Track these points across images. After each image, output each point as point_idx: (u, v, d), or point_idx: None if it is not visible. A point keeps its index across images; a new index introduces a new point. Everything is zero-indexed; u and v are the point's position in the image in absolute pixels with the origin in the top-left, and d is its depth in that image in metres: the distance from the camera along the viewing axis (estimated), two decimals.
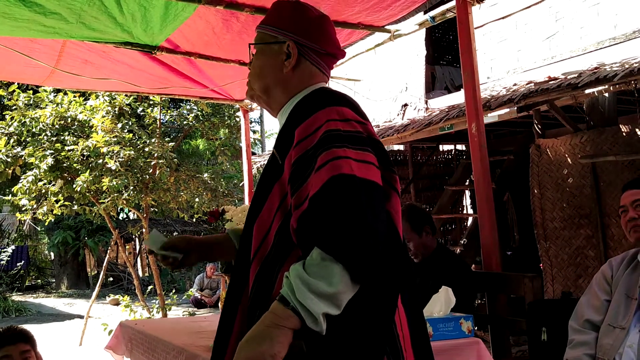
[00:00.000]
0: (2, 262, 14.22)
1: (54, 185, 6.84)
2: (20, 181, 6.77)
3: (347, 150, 1.23)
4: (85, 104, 7.14)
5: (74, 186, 6.62)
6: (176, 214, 8.69)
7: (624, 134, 4.77)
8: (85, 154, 6.73)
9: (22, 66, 3.87)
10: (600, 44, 5.38)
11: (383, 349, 1.24)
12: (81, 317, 9.52)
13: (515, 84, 5.45)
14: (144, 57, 3.82)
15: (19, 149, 6.73)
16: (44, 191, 6.85)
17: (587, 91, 4.27)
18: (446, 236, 8.37)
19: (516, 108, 4.79)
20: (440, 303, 2.34)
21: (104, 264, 8.69)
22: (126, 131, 7.21)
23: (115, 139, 6.83)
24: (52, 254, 16.88)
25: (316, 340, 1.17)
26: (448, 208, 7.47)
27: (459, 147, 8.45)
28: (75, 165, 6.70)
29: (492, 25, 6.67)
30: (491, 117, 5.08)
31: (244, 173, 5.49)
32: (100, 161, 6.63)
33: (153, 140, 7.33)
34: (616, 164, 4.73)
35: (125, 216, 15.98)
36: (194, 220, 15.62)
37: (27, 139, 6.84)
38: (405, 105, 7.52)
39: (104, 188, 6.63)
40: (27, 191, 6.72)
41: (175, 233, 17.99)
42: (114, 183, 6.49)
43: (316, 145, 1.24)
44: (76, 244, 15.08)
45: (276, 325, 1.15)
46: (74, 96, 7.18)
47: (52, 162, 6.61)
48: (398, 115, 7.58)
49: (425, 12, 3.57)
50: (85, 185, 6.53)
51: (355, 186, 1.18)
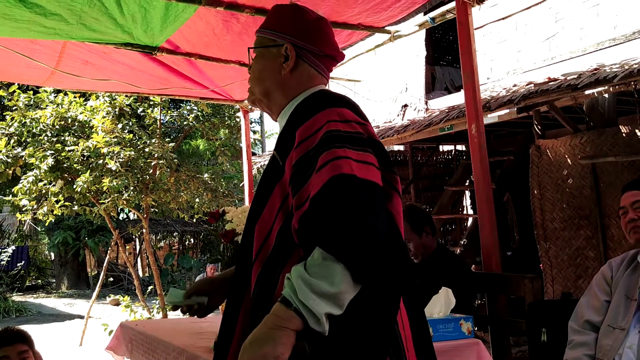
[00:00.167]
0: (2, 262, 14.22)
1: (54, 185, 6.84)
2: (20, 182, 6.77)
3: (347, 150, 1.23)
4: (85, 105, 7.15)
5: (74, 186, 6.62)
6: (176, 214, 8.69)
7: (623, 134, 4.78)
8: (85, 154, 6.74)
9: (23, 67, 3.87)
10: (600, 45, 5.38)
11: (386, 349, 1.24)
12: (81, 317, 9.52)
13: (515, 85, 5.45)
14: (144, 58, 3.82)
15: (19, 149, 6.73)
16: (44, 191, 6.85)
17: (587, 92, 4.27)
18: (446, 236, 8.37)
19: (516, 109, 4.79)
20: (440, 304, 2.34)
21: (104, 264, 8.69)
22: (126, 132, 7.21)
23: (116, 140, 6.83)
24: (52, 254, 16.88)
25: (319, 341, 1.17)
26: (448, 208, 7.47)
27: (459, 147, 8.45)
28: (75, 165, 6.71)
29: (492, 26, 6.67)
30: (491, 117, 5.08)
31: (244, 173, 5.49)
32: (101, 162, 6.63)
33: (153, 140, 7.34)
34: (616, 164, 4.74)
35: (125, 216, 15.98)
36: (194, 220, 15.62)
37: (28, 140, 6.84)
38: (405, 105, 7.53)
39: (104, 188, 6.63)
40: (28, 191, 6.72)
41: (175, 233, 18.00)
42: (114, 183, 6.49)
43: (317, 146, 1.25)
44: (76, 244, 15.08)
45: (279, 326, 1.15)
46: (74, 97, 7.18)
47: (53, 163, 6.61)
48: (398, 115, 7.58)
49: (425, 13, 3.58)
50: (85, 186, 6.53)
51: (356, 186, 1.19)
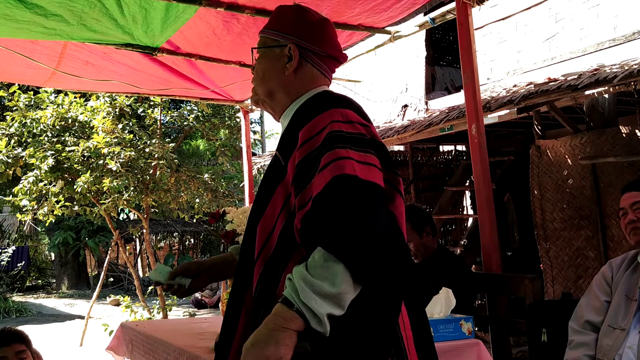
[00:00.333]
0: (2, 262, 14.21)
1: (54, 186, 6.85)
2: (21, 182, 6.77)
3: (350, 151, 1.24)
4: (85, 105, 7.15)
5: (75, 187, 6.62)
6: (176, 214, 8.70)
7: (623, 135, 4.78)
8: (85, 154, 6.74)
9: (23, 67, 3.87)
10: (600, 46, 5.38)
11: (387, 350, 1.24)
12: (82, 317, 9.52)
13: (515, 85, 5.45)
14: (144, 58, 3.83)
15: (19, 149, 6.73)
16: (44, 192, 6.86)
17: (587, 92, 4.28)
18: (446, 237, 8.37)
19: (516, 109, 4.80)
20: (441, 304, 2.34)
21: (105, 264, 8.69)
22: (127, 132, 7.22)
23: (116, 140, 6.84)
24: (52, 254, 16.86)
25: (320, 342, 1.17)
26: (448, 209, 7.47)
27: (459, 147, 8.45)
28: (75, 166, 6.71)
29: (492, 26, 6.67)
30: (491, 118, 5.08)
31: (245, 173, 5.49)
32: (101, 162, 6.63)
33: (153, 141, 7.34)
34: (616, 165, 4.74)
35: (125, 217, 15.97)
36: (194, 220, 15.64)
37: (28, 140, 6.85)
38: (406, 106, 7.53)
39: (105, 189, 6.64)
40: (28, 192, 6.72)
41: (175, 233, 18.00)
42: (115, 184, 6.49)
43: (320, 146, 1.25)
44: (77, 244, 15.08)
45: (281, 327, 1.15)
46: (75, 97, 7.19)
47: (53, 163, 6.61)
48: (398, 116, 7.59)
49: (425, 14, 3.57)
50: (85, 186, 6.53)
51: (358, 187, 1.19)
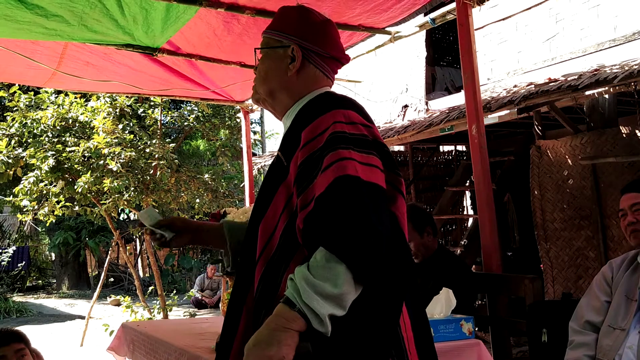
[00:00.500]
0: (3, 262, 14.20)
1: (55, 186, 6.85)
2: (21, 182, 6.77)
3: (352, 152, 1.25)
4: (86, 106, 7.15)
5: (75, 187, 6.63)
6: (177, 214, 8.69)
7: (624, 135, 4.78)
8: (86, 155, 6.74)
9: (24, 68, 3.88)
10: (600, 46, 5.38)
11: (388, 350, 1.25)
12: (82, 317, 9.52)
13: (515, 86, 5.46)
14: (145, 59, 3.83)
15: (20, 150, 6.73)
16: (45, 192, 6.85)
17: (587, 93, 4.28)
18: (447, 237, 8.37)
19: (516, 109, 4.80)
20: (441, 304, 2.34)
21: (105, 264, 8.70)
22: (127, 132, 7.22)
23: (116, 140, 6.84)
24: (53, 254, 16.86)
25: (322, 342, 1.18)
26: (448, 209, 7.47)
27: (460, 147, 8.45)
28: (76, 166, 6.71)
29: (493, 26, 6.67)
30: (491, 118, 5.08)
31: (245, 174, 5.50)
32: (102, 162, 6.64)
33: (154, 141, 7.34)
34: (616, 165, 4.74)
35: (126, 217, 15.96)
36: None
37: (29, 140, 6.85)
38: (406, 106, 7.54)
39: (105, 189, 6.64)
40: (29, 192, 6.72)
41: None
42: (115, 184, 6.50)
43: (323, 146, 1.26)
44: (77, 244, 15.08)
45: (283, 327, 1.16)
46: (75, 97, 7.19)
47: (54, 163, 6.61)
48: (398, 116, 7.59)
49: (426, 14, 3.58)
50: (86, 186, 6.54)
51: (360, 188, 1.20)
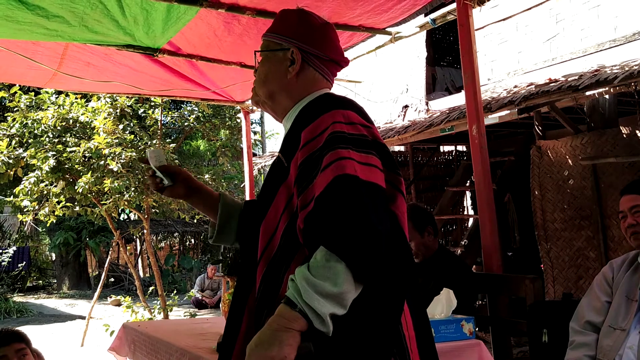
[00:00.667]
0: (3, 263, 14.21)
1: (55, 186, 6.85)
2: (22, 182, 6.78)
3: (351, 152, 1.25)
4: (86, 106, 7.15)
5: (76, 187, 6.63)
6: (177, 214, 8.70)
7: (624, 135, 4.79)
8: (86, 155, 6.75)
9: (25, 68, 3.88)
10: (600, 46, 5.39)
11: (390, 349, 1.25)
12: (83, 317, 9.52)
13: (515, 86, 5.46)
14: (145, 59, 3.83)
15: (20, 150, 6.73)
16: (45, 192, 6.86)
17: (588, 93, 4.28)
18: (447, 237, 8.37)
19: (517, 110, 4.80)
20: (442, 305, 2.35)
21: (106, 264, 8.69)
22: (127, 132, 7.22)
23: (117, 141, 6.84)
24: (53, 254, 16.88)
25: (323, 342, 1.18)
26: (449, 209, 7.48)
27: (460, 148, 8.45)
28: (77, 166, 6.72)
29: (493, 26, 6.68)
30: (492, 118, 5.08)
31: (245, 174, 5.50)
32: (102, 162, 6.64)
33: (154, 141, 7.35)
34: (617, 165, 4.75)
35: (126, 217, 15.98)
36: (195, 221, 15.61)
37: (29, 141, 6.85)
38: (406, 106, 7.54)
39: (106, 189, 6.64)
40: (29, 192, 6.73)
41: (176, 234, 18.01)
42: (116, 184, 6.50)
43: (322, 147, 1.27)
44: (77, 244, 15.09)
45: (284, 328, 1.16)
46: (76, 98, 7.19)
47: (54, 164, 6.62)
48: (399, 116, 7.60)
49: (426, 15, 3.58)
50: (86, 187, 6.54)
51: (359, 187, 1.20)
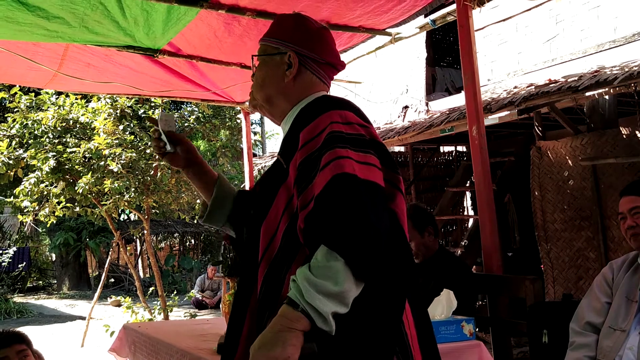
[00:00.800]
0: (3, 263, 14.21)
1: (55, 187, 6.85)
2: (22, 183, 6.78)
3: (349, 151, 1.26)
4: (87, 107, 7.15)
5: (76, 188, 6.63)
6: (177, 215, 8.70)
7: (624, 136, 4.79)
8: (87, 156, 6.75)
9: (25, 69, 3.88)
10: (600, 47, 5.39)
11: (393, 348, 1.26)
12: (83, 318, 9.52)
13: (515, 87, 5.46)
14: (146, 60, 3.83)
15: (21, 151, 6.73)
16: (45, 193, 6.86)
17: (588, 94, 4.28)
18: (447, 237, 8.38)
19: (517, 110, 4.80)
20: (442, 306, 2.35)
21: (106, 265, 8.69)
22: (128, 133, 7.22)
23: (117, 141, 6.84)
24: (53, 255, 16.88)
25: (326, 342, 1.19)
26: (449, 209, 7.48)
27: (460, 148, 8.46)
28: (77, 167, 6.72)
29: (493, 27, 6.68)
30: (492, 119, 5.08)
31: (245, 174, 5.50)
32: (102, 163, 6.64)
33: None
34: (617, 166, 4.75)
35: (126, 217, 15.98)
36: (195, 221, 15.61)
37: (29, 141, 6.85)
38: (406, 107, 7.54)
39: (106, 190, 6.64)
40: (29, 193, 6.72)
41: (176, 234, 18.01)
42: (116, 185, 6.50)
43: (320, 147, 1.28)
44: (77, 245, 15.08)
45: (287, 328, 1.17)
46: (76, 98, 7.19)
47: (54, 164, 6.61)
48: (399, 117, 7.60)
49: (426, 16, 3.57)
50: (87, 187, 6.54)
51: (357, 186, 1.21)
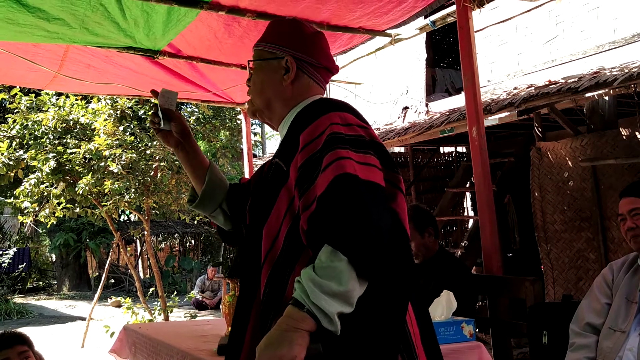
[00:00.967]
0: (3, 264, 14.20)
1: (56, 187, 6.85)
2: (22, 184, 6.78)
3: (349, 152, 1.28)
4: (87, 108, 7.16)
5: (76, 189, 6.63)
6: (177, 216, 8.70)
7: (624, 137, 4.79)
8: (87, 156, 6.74)
9: (25, 71, 3.88)
10: (600, 48, 5.39)
11: (397, 346, 1.27)
12: (83, 319, 9.52)
13: (515, 88, 5.47)
14: (146, 61, 3.83)
15: (21, 152, 6.73)
16: (46, 194, 6.86)
17: (587, 95, 4.29)
18: (447, 238, 8.38)
19: (516, 111, 4.80)
20: (442, 307, 2.35)
21: (106, 265, 8.69)
22: (128, 134, 7.22)
23: (117, 142, 6.84)
24: (53, 256, 16.88)
25: (332, 342, 1.20)
26: (449, 210, 7.48)
27: (460, 149, 8.46)
28: (77, 168, 6.72)
29: (493, 28, 6.68)
30: (492, 120, 5.08)
31: (245, 175, 5.50)
32: (102, 164, 6.64)
33: (154, 142, 7.34)
34: (616, 167, 4.75)
35: (126, 218, 15.98)
36: (195, 222, 15.64)
37: (29, 142, 6.85)
38: (406, 108, 7.54)
39: (106, 190, 6.64)
40: (29, 194, 6.72)
41: (176, 235, 18.01)
42: (116, 186, 6.50)
43: (321, 148, 1.29)
44: (78, 246, 15.08)
45: (293, 328, 1.18)
46: (76, 99, 7.19)
47: (55, 165, 6.61)
48: (399, 118, 7.60)
49: (426, 17, 3.58)
50: (87, 188, 6.54)
51: (359, 186, 1.22)
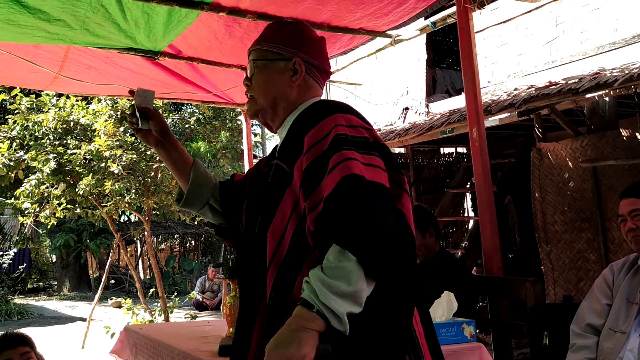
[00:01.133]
0: (4, 265, 14.20)
1: (56, 188, 6.85)
2: (22, 185, 6.78)
3: (355, 153, 1.29)
4: (87, 108, 7.16)
5: (77, 189, 6.63)
6: (177, 216, 8.70)
7: (624, 138, 4.79)
8: (87, 157, 6.75)
9: (26, 71, 3.88)
10: (600, 49, 5.39)
11: (405, 346, 1.28)
12: (83, 319, 9.53)
13: (516, 89, 5.47)
14: (147, 62, 3.84)
15: (21, 152, 6.73)
16: (46, 194, 6.86)
17: (588, 96, 4.29)
18: (447, 239, 8.37)
19: (517, 112, 4.81)
20: (443, 308, 2.35)
21: (107, 266, 8.69)
22: (128, 135, 7.22)
23: (118, 143, 6.84)
24: (54, 256, 16.87)
25: (341, 342, 1.20)
26: (449, 211, 7.48)
27: (460, 149, 8.45)
28: (77, 168, 6.72)
29: (493, 29, 6.68)
30: (492, 121, 5.09)
31: None
32: (103, 165, 6.64)
33: None
34: (617, 167, 4.75)
35: (126, 219, 15.98)
36: (195, 222, 15.64)
37: (30, 143, 6.85)
38: (406, 109, 7.55)
39: (106, 191, 6.64)
40: (30, 194, 6.73)
41: (176, 235, 18.01)
42: (116, 186, 6.50)
43: (327, 149, 1.30)
44: (78, 246, 15.08)
45: (303, 328, 1.18)
46: (77, 100, 7.19)
47: (55, 166, 6.61)
48: (399, 118, 7.61)
49: (426, 18, 3.59)
50: (87, 189, 6.54)
51: (365, 187, 1.23)
